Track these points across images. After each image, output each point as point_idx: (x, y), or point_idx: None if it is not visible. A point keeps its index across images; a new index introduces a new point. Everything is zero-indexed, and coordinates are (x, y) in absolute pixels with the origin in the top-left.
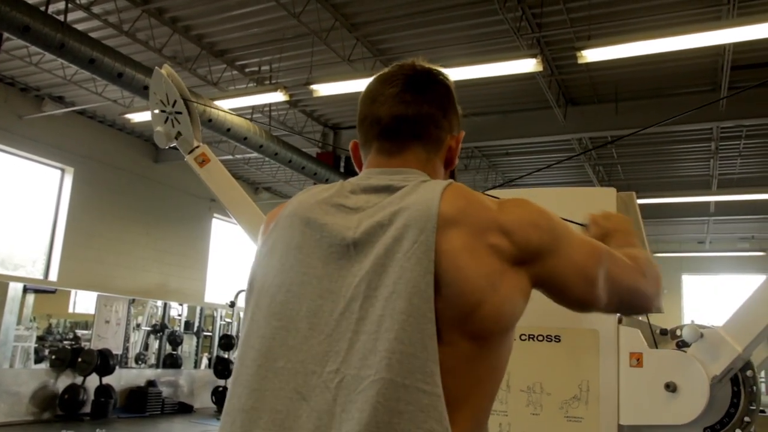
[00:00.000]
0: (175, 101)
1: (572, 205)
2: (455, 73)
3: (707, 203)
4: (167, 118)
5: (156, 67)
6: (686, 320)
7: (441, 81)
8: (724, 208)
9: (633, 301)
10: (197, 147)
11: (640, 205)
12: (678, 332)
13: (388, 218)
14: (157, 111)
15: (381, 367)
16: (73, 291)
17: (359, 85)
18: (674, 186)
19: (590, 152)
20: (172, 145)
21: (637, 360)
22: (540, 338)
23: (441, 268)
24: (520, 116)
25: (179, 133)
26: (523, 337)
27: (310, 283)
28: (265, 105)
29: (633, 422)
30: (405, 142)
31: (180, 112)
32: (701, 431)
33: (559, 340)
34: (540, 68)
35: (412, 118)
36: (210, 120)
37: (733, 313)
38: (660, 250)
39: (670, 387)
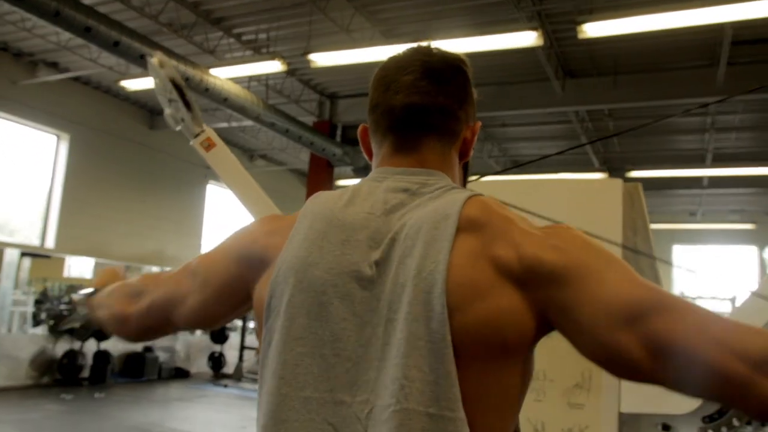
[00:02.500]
0: (171, 89)
1: (579, 196)
2: (454, 45)
3: (701, 177)
4: (170, 103)
5: (147, 57)
6: (676, 291)
7: (460, 69)
8: (717, 182)
9: (719, 390)
10: (202, 132)
11: (635, 178)
12: None
13: (407, 233)
14: (161, 95)
15: (401, 396)
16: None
17: (357, 55)
18: (669, 159)
19: (587, 125)
20: (180, 127)
21: None
22: None
23: (449, 282)
24: (517, 88)
25: (182, 119)
26: None
27: (331, 303)
28: (262, 74)
29: (634, 410)
30: (420, 135)
31: (175, 100)
32: (700, 420)
33: None
34: (540, 42)
35: (429, 110)
36: (207, 89)
37: (738, 305)
38: (652, 221)
39: None
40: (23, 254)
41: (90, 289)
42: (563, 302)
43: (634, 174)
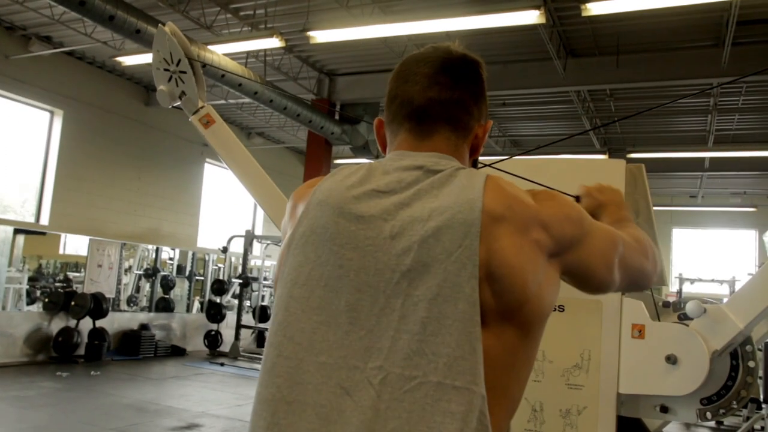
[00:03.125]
0: (179, 60)
1: (583, 175)
2: (457, 23)
3: (702, 159)
4: (171, 77)
5: (159, 25)
6: (674, 274)
7: (475, 68)
8: (718, 164)
9: (638, 281)
10: (202, 107)
11: (636, 159)
12: (681, 306)
13: (428, 213)
14: (160, 69)
15: (429, 369)
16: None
17: (357, 32)
18: (671, 141)
19: (588, 105)
20: (176, 105)
21: (639, 331)
22: None
23: (492, 265)
24: (519, 67)
25: (183, 93)
26: None
27: (348, 276)
28: (260, 50)
29: (632, 391)
30: (435, 126)
31: (184, 72)
32: (698, 402)
33: (563, 310)
34: (543, 20)
35: (445, 102)
36: (204, 65)
37: (737, 291)
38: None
39: (671, 359)
40: (17, 231)
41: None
42: (579, 258)
43: (635, 155)
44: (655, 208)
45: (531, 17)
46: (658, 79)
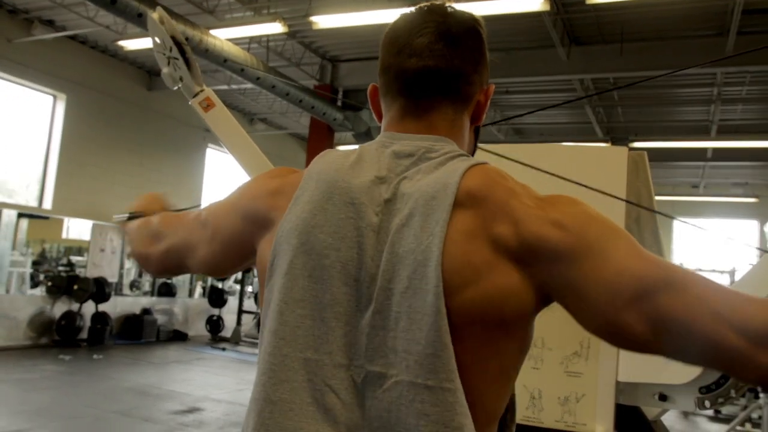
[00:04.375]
0: (171, 47)
1: (584, 163)
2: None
3: (705, 149)
4: (169, 62)
5: (148, 12)
6: (676, 263)
7: (475, 30)
8: (721, 154)
9: (716, 362)
10: (201, 91)
11: (638, 149)
12: None
13: (406, 202)
14: (159, 53)
15: (401, 368)
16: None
17: (360, 18)
18: (673, 130)
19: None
20: (178, 86)
21: None
22: None
23: (445, 257)
24: (523, 54)
25: (181, 78)
26: None
27: (334, 267)
28: (262, 36)
29: (631, 379)
30: (432, 100)
31: (177, 58)
32: (697, 390)
33: None
34: (547, 7)
35: (442, 73)
36: (206, 50)
37: (738, 279)
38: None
39: None
40: (20, 215)
41: (126, 215)
42: (567, 279)
43: (638, 144)
44: (656, 198)
45: (535, 4)
46: (662, 67)
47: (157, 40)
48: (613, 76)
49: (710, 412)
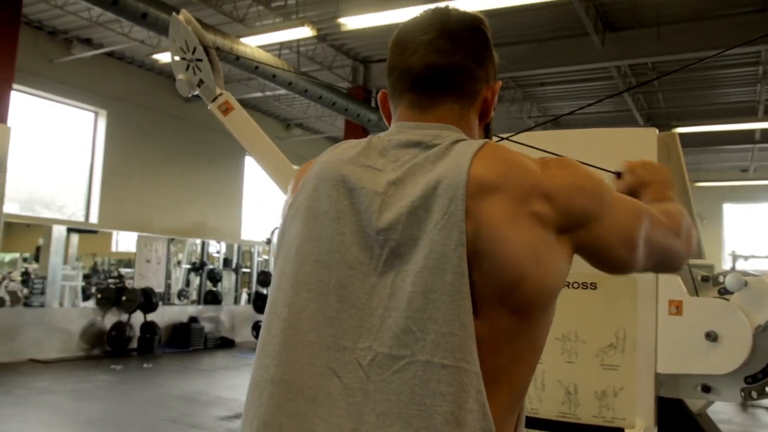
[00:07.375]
0: (194, 48)
1: (612, 147)
2: (490, 2)
3: (752, 130)
4: (188, 66)
5: (173, 14)
6: (727, 251)
7: (478, 28)
8: None
9: (665, 262)
10: (220, 95)
11: (681, 134)
12: (720, 279)
13: (419, 187)
14: (177, 58)
15: (417, 348)
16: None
17: (389, 17)
18: (717, 113)
19: (630, 80)
20: (194, 93)
21: (677, 308)
22: (575, 285)
23: (480, 238)
24: (555, 44)
25: (201, 81)
26: None
27: (339, 251)
28: (293, 41)
29: (671, 371)
30: (437, 96)
31: (200, 60)
32: (742, 380)
33: (596, 288)
34: None
35: (446, 69)
36: (238, 58)
37: None
38: (700, 179)
39: (711, 336)
40: (69, 230)
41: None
42: (595, 235)
43: (681, 130)
44: (704, 183)
45: None
46: (702, 49)
47: (179, 43)
48: (651, 60)
49: (766, 402)
